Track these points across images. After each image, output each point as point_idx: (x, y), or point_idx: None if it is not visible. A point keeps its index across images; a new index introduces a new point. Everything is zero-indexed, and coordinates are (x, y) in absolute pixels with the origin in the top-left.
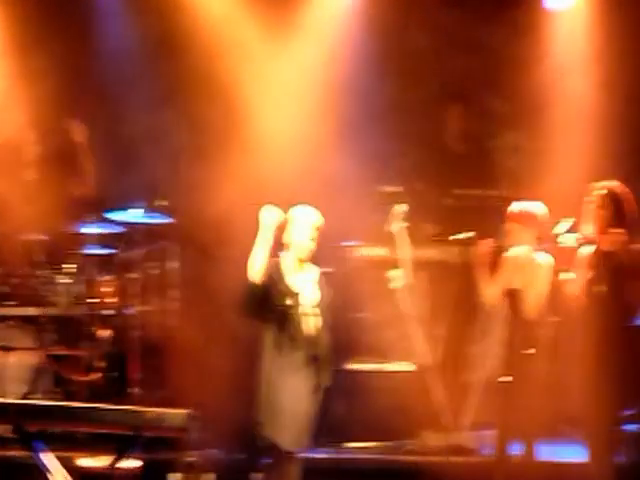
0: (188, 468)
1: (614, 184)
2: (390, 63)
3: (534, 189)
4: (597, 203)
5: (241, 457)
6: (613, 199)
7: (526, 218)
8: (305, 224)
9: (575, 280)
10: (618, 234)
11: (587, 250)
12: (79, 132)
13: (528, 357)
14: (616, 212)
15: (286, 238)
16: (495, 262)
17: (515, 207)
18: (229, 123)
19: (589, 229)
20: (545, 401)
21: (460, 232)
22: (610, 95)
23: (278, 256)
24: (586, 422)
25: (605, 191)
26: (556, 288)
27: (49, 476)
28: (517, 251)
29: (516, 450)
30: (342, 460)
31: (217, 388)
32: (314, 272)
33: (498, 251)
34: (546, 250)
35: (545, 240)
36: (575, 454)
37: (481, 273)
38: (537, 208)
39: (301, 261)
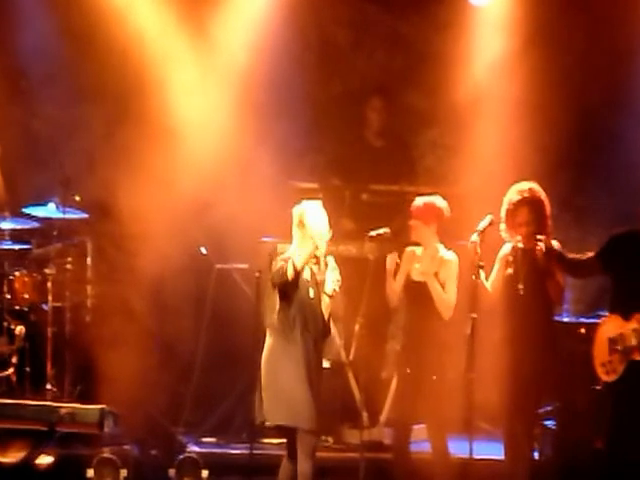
0: (103, 464)
1: (531, 185)
2: (309, 57)
3: (453, 185)
4: (515, 203)
5: (156, 453)
6: (530, 199)
7: (427, 213)
8: (321, 219)
9: (493, 277)
10: (534, 233)
11: (505, 248)
12: None
13: (428, 351)
14: (533, 212)
15: (304, 234)
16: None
17: (417, 203)
18: (144, 119)
19: (507, 228)
20: (458, 397)
21: (376, 228)
22: (533, 90)
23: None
24: (503, 419)
25: (522, 191)
26: (472, 285)
27: None
28: (416, 247)
29: (428, 446)
30: (257, 456)
31: (132, 384)
32: (329, 264)
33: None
34: (449, 245)
35: (450, 235)
36: (491, 451)
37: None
38: (438, 203)
39: (318, 255)
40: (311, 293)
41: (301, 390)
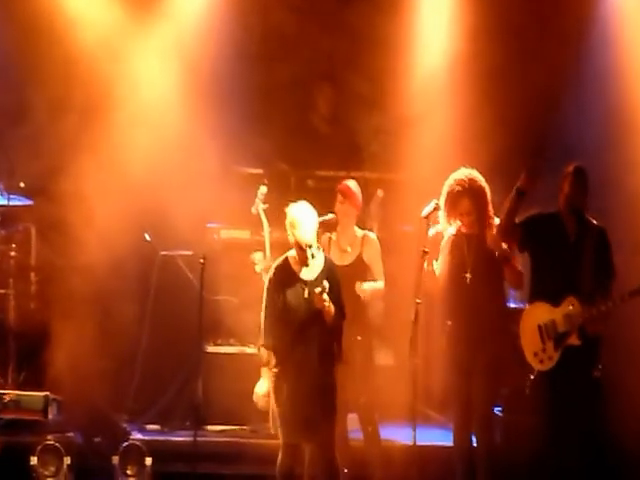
0: (46, 451)
1: (471, 173)
2: (253, 44)
3: (398, 171)
4: (455, 194)
5: (99, 440)
6: (470, 189)
7: (356, 196)
8: (311, 221)
9: (437, 263)
10: (476, 221)
11: (448, 234)
12: None
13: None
14: (474, 202)
15: (294, 238)
16: None
17: (347, 184)
18: (90, 105)
19: (448, 216)
20: (401, 384)
21: (322, 214)
22: (475, 74)
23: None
24: (449, 406)
25: (462, 182)
26: (416, 270)
27: None
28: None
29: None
30: (200, 443)
31: (76, 371)
32: (321, 263)
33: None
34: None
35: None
36: (434, 437)
37: None
38: (354, 186)
39: (310, 257)
40: (305, 294)
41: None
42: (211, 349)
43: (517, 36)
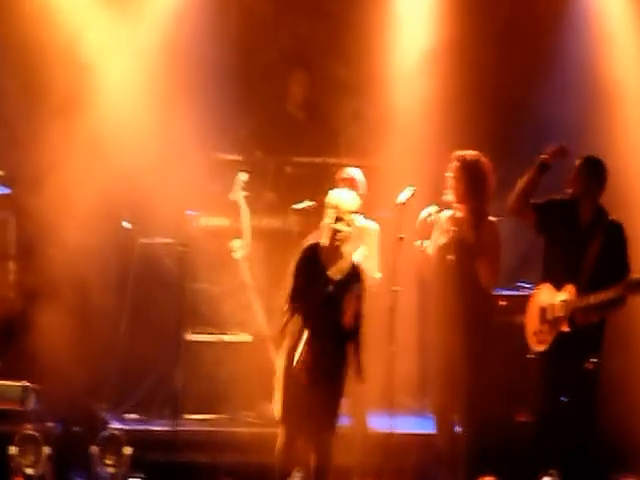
0: (25, 440)
1: (471, 154)
2: (229, 29)
3: (374, 157)
4: (452, 173)
5: (78, 430)
6: (468, 169)
7: (354, 185)
8: (345, 209)
9: (428, 246)
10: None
11: (443, 217)
12: None
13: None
14: (470, 181)
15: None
16: None
17: (343, 174)
18: (67, 89)
19: (448, 197)
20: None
21: (300, 201)
22: (455, 58)
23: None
24: (433, 394)
25: (459, 161)
26: (392, 257)
27: None
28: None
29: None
30: (179, 432)
31: (54, 360)
32: (352, 256)
33: None
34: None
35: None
36: (412, 425)
37: None
38: (357, 174)
39: (340, 247)
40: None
41: None
42: (190, 337)
43: (495, 19)
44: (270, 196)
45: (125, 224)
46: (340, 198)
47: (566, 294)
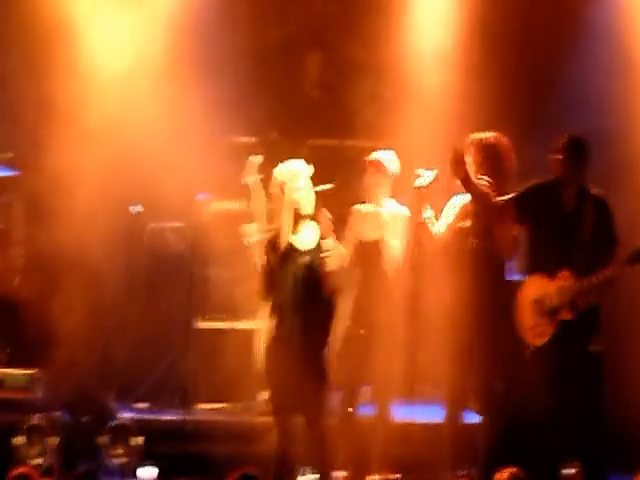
0: (33, 430)
1: (490, 135)
2: (243, 8)
3: (392, 139)
4: (471, 154)
5: (87, 419)
6: (486, 150)
7: (384, 167)
8: (300, 178)
9: (442, 228)
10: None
11: (461, 200)
12: None
13: (381, 312)
14: (489, 163)
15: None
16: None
17: (370, 158)
18: (74, 72)
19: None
20: (402, 359)
21: (317, 184)
22: (474, 38)
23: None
24: (445, 382)
25: (477, 142)
26: (417, 241)
27: None
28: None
29: (369, 410)
30: (189, 421)
31: (62, 348)
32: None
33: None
34: (400, 201)
35: (403, 190)
36: (433, 415)
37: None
38: (390, 158)
39: (305, 216)
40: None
41: None
42: (201, 325)
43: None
44: None
45: (135, 208)
46: (282, 172)
47: (562, 281)
